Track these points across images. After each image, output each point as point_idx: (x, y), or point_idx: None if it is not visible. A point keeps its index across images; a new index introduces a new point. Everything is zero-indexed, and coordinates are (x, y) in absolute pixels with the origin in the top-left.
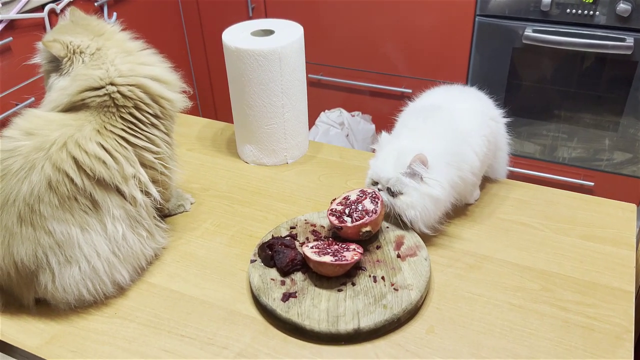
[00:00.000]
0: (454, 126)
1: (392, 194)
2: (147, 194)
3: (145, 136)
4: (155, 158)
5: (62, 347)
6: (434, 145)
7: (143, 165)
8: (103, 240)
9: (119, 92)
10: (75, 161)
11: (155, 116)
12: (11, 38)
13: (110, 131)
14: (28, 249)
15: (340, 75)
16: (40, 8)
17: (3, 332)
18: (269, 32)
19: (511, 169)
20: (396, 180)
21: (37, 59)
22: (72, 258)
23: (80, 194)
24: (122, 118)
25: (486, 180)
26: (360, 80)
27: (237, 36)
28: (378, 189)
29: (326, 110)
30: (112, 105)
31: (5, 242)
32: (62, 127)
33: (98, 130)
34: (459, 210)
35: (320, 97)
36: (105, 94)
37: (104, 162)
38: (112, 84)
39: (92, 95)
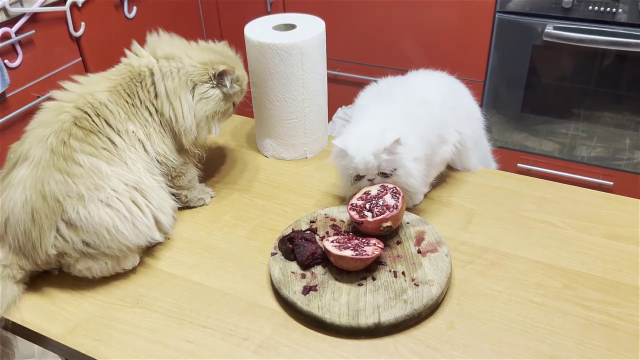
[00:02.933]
0: (405, 96)
1: (386, 175)
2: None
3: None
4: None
5: (85, 335)
6: (395, 117)
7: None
8: (128, 174)
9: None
10: (92, 105)
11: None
12: (34, 31)
13: (118, 92)
14: (59, 178)
15: (357, 71)
16: (62, 1)
17: (28, 320)
18: (291, 27)
19: (529, 167)
20: (386, 163)
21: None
22: (101, 187)
23: (100, 132)
24: (137, 88)
25: (507, 178)
26: (377, 76)
27: (259, 30)
28: (368, 179)
29: (343, 106)
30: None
31: (37, 175)
32: (89, 83)
33: (109, 88)
34: (480, 207)
35: (337, 92)
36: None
37: (108, 109)
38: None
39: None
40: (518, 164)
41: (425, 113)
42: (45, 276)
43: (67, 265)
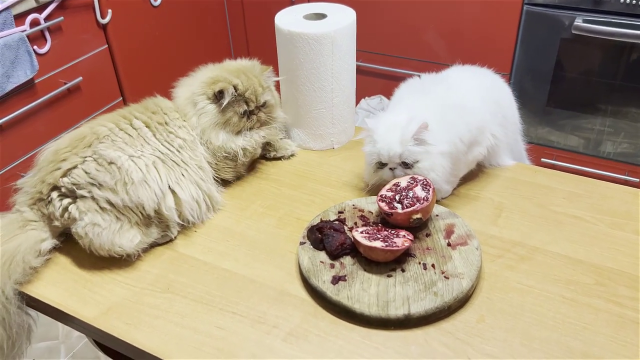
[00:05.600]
0: (445, 95)
1: (408, 166)
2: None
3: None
4: None
5: (117, 319)
6: (430, 113)
7: None
8: (163, 149)
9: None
10: (156, 107)
11: None
12: (62, 17)
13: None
14: (111, 126)
15: (380, 62)
16: None
17: (61, 303)
18: (322, 16)
19: (553, 162)
20: (409, 152)
21: None
22: (134, 145)
23: (157, 114)
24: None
25: (537, 172)
26: (400, 67)
27: (289, 19)
28: (389, 169)
29: (366, 97)
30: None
31: (99, 120)
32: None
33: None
34: (509, 201)
35: (360, 83)
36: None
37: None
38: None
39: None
40: (542, 159)
41: (462, 116)
42: (77, 259)
43: (73, 219)
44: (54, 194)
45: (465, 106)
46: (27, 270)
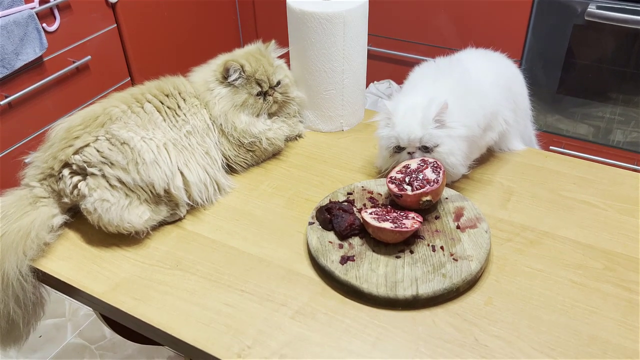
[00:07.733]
0: (462, 78)
1: (427, 150)
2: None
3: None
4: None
5: (126, 294)
6: (448, 96)
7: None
8: (174, 134)
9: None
10: (174, 88)
11: None
12: None
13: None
14: (124, 108)
15: (389, 46)
16: None
17: (71, 278)
18: None
19: (562, 150)
20: (429, 136)
21: None
22: (146, 128)
23: (170, 97)
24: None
25: (547, 157)
26: (410, 52)
27: None
28: (408, 152)
29: (375, 82)
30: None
31: (111, 101)
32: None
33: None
34: (519, 185)
35: (369, 67)
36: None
37: (182, 97)
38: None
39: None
40: (550, 147)
41: (479, 100)
42: (86, 235)
43: (83, 196)
44: (65, 171)
45: (481, 90)
46: (41, 246)
